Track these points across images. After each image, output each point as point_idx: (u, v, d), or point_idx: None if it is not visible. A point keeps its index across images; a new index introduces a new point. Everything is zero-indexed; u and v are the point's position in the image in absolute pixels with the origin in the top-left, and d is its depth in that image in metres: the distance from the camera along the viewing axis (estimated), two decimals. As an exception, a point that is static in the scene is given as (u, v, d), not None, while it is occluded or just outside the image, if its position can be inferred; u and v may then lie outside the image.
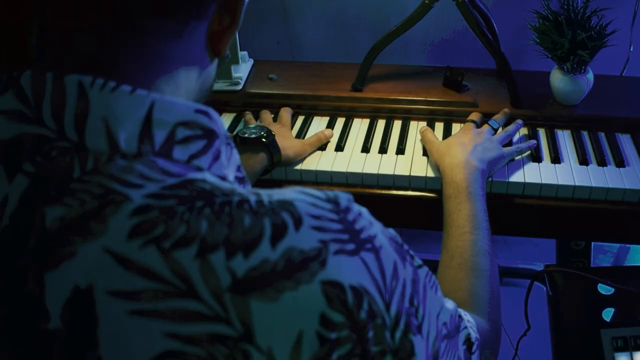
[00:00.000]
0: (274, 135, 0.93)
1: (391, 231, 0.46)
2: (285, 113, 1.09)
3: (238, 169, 0.46)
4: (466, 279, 0.71)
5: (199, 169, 0.40)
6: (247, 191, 0.39)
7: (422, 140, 1.02)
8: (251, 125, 0.96)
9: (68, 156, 0.38)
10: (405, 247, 0.47)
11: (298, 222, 0.38)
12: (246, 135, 0.92)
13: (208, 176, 0.40)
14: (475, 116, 1.04)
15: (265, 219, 0.37)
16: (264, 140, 0.91)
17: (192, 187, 0.38)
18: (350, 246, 0.39)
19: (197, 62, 0.46)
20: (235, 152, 0.46)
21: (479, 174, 0.87)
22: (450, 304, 0.53)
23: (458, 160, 0.88)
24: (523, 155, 0.99)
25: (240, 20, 0.47)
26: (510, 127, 1.01)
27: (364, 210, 0.44)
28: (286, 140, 0.98)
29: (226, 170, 0.43)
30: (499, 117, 1.03)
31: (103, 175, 0.37)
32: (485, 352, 0.62)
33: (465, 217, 0.79)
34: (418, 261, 0.49)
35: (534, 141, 1.00)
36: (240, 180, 0.46)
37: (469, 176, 0.85)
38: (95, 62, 0.41)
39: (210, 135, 0.42)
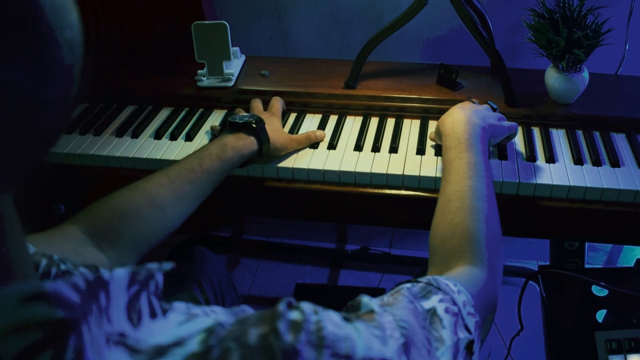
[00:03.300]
0: (264, 123, 0.93)
1: None
2: (277, 102, 1.08)
3: (130, 284, 0.34)
4: (464, 222, 0.69)
5: None
6: None
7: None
8: (242, 114, 0.96)
9: None
10: None
11: None
12: (236, 120, 0.92)
13: None
14: (474, 99, 1.02)
15: None
16: (254, 125, 0.91)
17: None
18: None
19: None
20: (115, 281, 0.33)
21: (480, 129, 0.85)
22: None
23: (459, 116, 0.87)
24: (516, 153, 0.99)
25: None
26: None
27: None
28: (275, 131, 0.97)
29: (103, 350, 0.30)
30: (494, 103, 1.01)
31: None
32: (487, 320, 0.60)
33: (465, 165, 0.77)
34: None
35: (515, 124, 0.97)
36: (136, 295, 0.34)
37: (470, 129, 0.84)
38: None
39: (56, 333, 0.27)
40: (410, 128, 1.06)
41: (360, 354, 0.35)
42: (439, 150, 1.00)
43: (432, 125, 1.07)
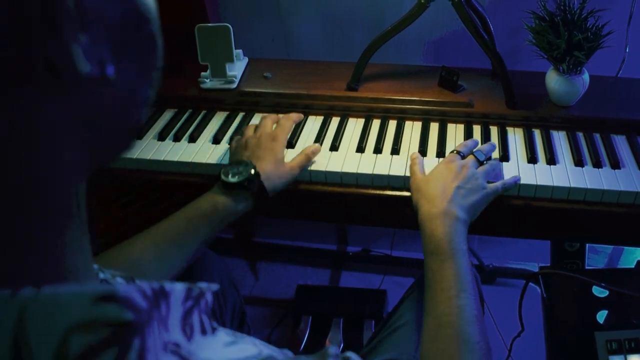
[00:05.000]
0: (257, 175, 0.89)
1: None
2: (287, 122, 1.02)
3: (185, 299, 0.35)
4: (457, 355, 0.67)
5: None
6: None
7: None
8: (235, 163, 0.91)
9: None
10: None
11: None
12: (228, 178, 0.87)
13: None
14: (461, 147, 0.96)
15: None
16: (244, 184, 0.87)
17: None
18: None
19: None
20: (175, 294, 0.34)
21: (461, 225, 0.80)
22: None
23: (437, 210, 0.82)
24: (518, 160, 0.99)
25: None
26: (493, 161, 0.95)
27: None
28: (274, 169, 0.92)
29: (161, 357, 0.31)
30: (485, 148, 0.97)
31: None
32: None
33: (450, 279, 0.73)
34: None
35: (518, 177, 0.93)
36: (190, 310, 0.36)
37: (450, 229, 0.79)
38: None
39: (123, 334, 0.29)
40: (412, 130, 1.07)
41: None
42: (440, 153, 1.00)
43: (433, 127, 1.07)
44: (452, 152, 0.95)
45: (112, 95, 0.33)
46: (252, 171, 0.88)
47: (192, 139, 1.07)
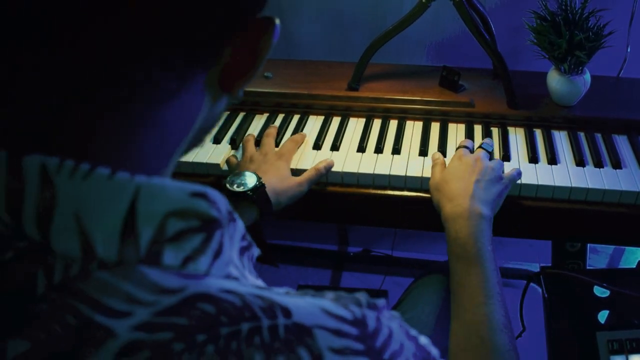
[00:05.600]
0: (263, 187, 0.86)
1: (423, 341, 0.41)
2: (291, 144, 1.00)
3: (243, 237, 0.40)
4: None
5: (198, 276, 0.33)
6: (259, 301, 0.33)
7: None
8: (241, 174, 0.88)
9: (28, 261, 0.31)
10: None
11: None
12: (234, 188, 0.85)
13: (212, 286, 0.32)
14: (465, 142, 0.96)
15: (279, 358, 0.31)
16: (249, 193, 0.84)
17: (192, 312, 0.31)
18: None
19: (197, 111, 0.39)
20: (239, 225, 0.38)
21: (486, 223, 0.79)
22: None
23: (460, 209, 0.80)
24: (519, 160, 0.99)
25: (263, 61, 0.39)
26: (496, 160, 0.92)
27: (395, 326, 0.37)
28: (280, 183, 0.89)
29: (230, 261, 0.36)
30: (488, 140, 0.97)
31: (77, 296, 0.30)
32: None
33: (477, 284, 0.72)
34: None
35: (519, 169, 0.93)
36: (245, 249, 0.40)
37: (475, 229, 0.77)
38: (62, 134, 0.32)
39: (209, 225, 0.34)
40: (413, 130, 1.07)
41: (423, 342, 0.40)
42: (441, 152, 1.00)
43: (434, 127, 1.07)
44: (458, 148, 0.94)
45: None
46: (257, 182, 0.86)
47: (193, 139, 1.06)
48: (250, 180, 0.86)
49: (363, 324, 0.34)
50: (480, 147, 0.93)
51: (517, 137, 1.04)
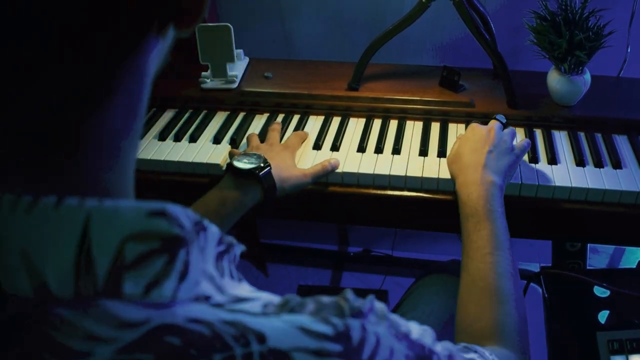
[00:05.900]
0: (269, 168, 0.86)
1: (415, 336, 0.39)
2: (296, 138, 1.01)
3: (220, 241, 0.37)
4: (490, 305, 0.68)
5: (163, 305, 0.31)
6: (229, 329, 0.31)
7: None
8: (249, 154, 0.88)
9: None
10: None
11: None
12: (240, 166, 0.85)
13: (178, 316, 0.30)
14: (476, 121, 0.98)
15: None
16: (256, 172, 0.84)
17: (158, 347, 0.29)
18: None
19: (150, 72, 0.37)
20: (211, 231, 0.36)
21: (497, 189, 0.81)
22: None
23: (472, 178, 0.83)
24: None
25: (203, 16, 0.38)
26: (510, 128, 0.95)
27: (382, 331, 0.35)
28: (284, 169, 0.90)
29: (198, 281, 0.34)
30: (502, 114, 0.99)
31: (31, 337, 0.28)
32: None
33: (485, 238, 0.74)
34: None
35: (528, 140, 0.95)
36: (223, 253, 0.38)
37: (486, 193, 0.80)
38: (5, 164, 0.31)
39: (172, 245, 0.32)
40: (413, 130, 1.07)
41: (415, 337, 0.39)
42: (441, 152, 1.00)
43: (434, 127, 1.07)
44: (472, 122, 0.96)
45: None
46: (264, 162, 0.86)
47: (193, 139, 1.06)
48: (258, 160, 0.86)
49: (346, 338, 0.32)
50: (494, 118, 0.96)
51: (517, 137, 1.04)
